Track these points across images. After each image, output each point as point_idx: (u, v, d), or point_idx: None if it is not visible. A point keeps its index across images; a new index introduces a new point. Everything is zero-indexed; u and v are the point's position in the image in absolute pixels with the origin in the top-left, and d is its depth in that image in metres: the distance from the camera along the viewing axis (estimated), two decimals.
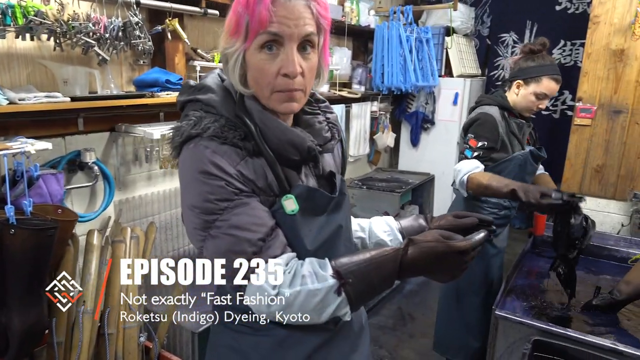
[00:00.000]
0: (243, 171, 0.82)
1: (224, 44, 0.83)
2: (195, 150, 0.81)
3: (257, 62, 0.80)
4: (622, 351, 1.38)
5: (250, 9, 0.77)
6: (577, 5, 3.81)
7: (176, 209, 2.26)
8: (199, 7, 2.00)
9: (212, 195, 0.79)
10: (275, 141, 0.85)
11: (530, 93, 1.87)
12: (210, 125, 0.82)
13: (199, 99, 0.86)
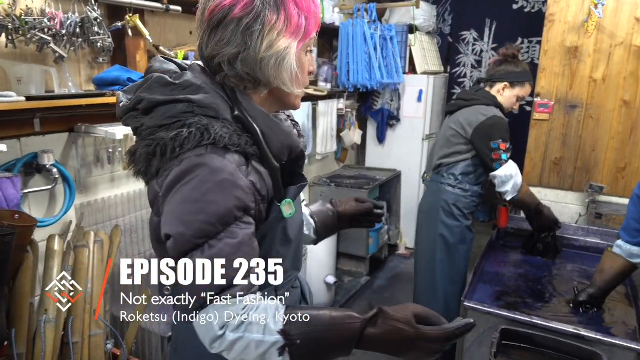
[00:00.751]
0: (253, 180, 0.79)
1: (281, 43, 0.79)
2: (206, 161, 0.74)
3: (304, 61, 0.84)
4: (583, 336, 1.45)
5: (312, 11, 0.81)
6: (533, 4, 3.95)
7: (142, 211, 2.19)
8: (160, 3, 1.94)
9: (213, 218, 0.73)
10: (278, 145, 0.83)
11: (514, 95, 2.06)
12: (221, 132, 0.76)
13: (191, 100, 0.78)
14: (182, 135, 0.75)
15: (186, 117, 0.77)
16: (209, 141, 0.75)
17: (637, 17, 2.60)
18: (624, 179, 2.76)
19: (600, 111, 2.76)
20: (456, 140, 2.09)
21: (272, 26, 0.78)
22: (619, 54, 2.67)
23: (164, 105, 0.78)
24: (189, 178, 0.74)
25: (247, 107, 0.81)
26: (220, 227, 0.74)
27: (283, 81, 0.82)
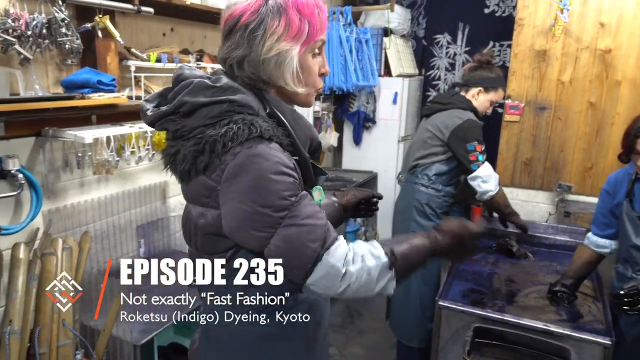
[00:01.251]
0: (293, 164, 0.89)
1: (281, 47, 0.87)
2: (260, 151, 0.83)
3: (311, 64, 0.91)
4: (552, 331, 1.48)
5: (315, 17, 0.88)
6: (503, 9, 4.04)
7: (112, 217, 2.15)
8: (131, 4, 1.91)
9: (286, 192, 0.83)
10: (302, 137, 0.94)
11: (488, 100, 2.14)
12: (265, 126, 0.86)
13: (232, 101, 0.87)
14: (230, 130, 0.83)
15: (230, 115, 0.85)
16: (257, 134, 0.84)
17: (601, 22, 2.69)
18: (590, 178, 2.85)
19: (568, 113, 2.84)
20: (432, 142, 2.14)
21: (272, 31, 0.87)
22: (584, 58, 2.76)
23: (206, 106, 0.87)
24: (248, 169, 0.83)
25: (275, 104, 0.92)
26: (293, 198, 0.84)
27: (285, 81, 0.90)
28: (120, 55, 2.04)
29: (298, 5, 0.87)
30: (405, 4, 4.32)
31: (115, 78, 1.88)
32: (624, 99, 2.71)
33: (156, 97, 0.97)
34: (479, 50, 4.15)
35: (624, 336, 1.63)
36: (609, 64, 2.70)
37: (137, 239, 2.29)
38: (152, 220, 2.36)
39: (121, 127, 1.96)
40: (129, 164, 2.13)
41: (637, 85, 2.67)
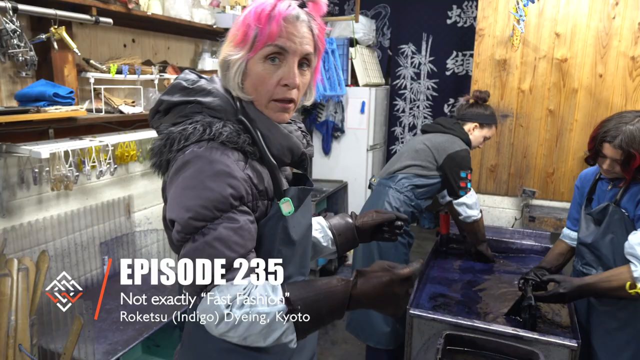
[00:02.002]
0: (250, 175, 0.85)
1: (227, 51, 0.88)
2: (206, 153, 0.82)
3: (260, 71, 0.87)
4: (522, 336, 1.50)
5: (263, 22, 0.85)
6: (465, 20, 4.16)
7: (74, 234, 2.06)
8: (89, 14, 1.85)
9: (213, 202, 0.80)
10: (277, 147, 0.91)
11: (482, 135, 2.25)
12: (221, 130, 0.85)
13: (200, 102, 0.88)
14: (187, 129, 0.84)
15: (194, 116, 0.87)
16: (209, 136, 0.83)
17: (556, 32, 2.80)
18: (553, 183, 2.94)
19: (529, 120, 2.93)
20: (424, 156, 2.20)
21: (228, 37, 0.89)
22: (542, 67, 2.86)
23: (178, 105, 0.89)
24: (189, 167, 0.82)
25: (249, 112, 0.90)
26: (217, 212, 0.80)
27: (232, 87, 0.89)
28: (78, 67, 1.97)
29: (250, 12, 0.86)
30: (370, 15, 4.39)
31: (73, 90, 1.82)
32: (581, 106, 2.82)
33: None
34: (443, 59, 4.29)
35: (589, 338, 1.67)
36: (566, 72, 2.81)
37: (100, 256, 2.20)
38: (117, 236, 2.28)
39: (80, 141, 1.89)
40: (89, 179, 2.06)
41: (593, 93, 2.78)
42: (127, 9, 1.99)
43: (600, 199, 1.69)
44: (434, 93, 4.40)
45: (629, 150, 1.50)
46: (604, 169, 1.61)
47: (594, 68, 2.75)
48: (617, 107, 2.72)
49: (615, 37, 2.68)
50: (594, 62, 2.75)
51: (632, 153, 1.50)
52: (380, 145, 4.36)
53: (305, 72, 0.91)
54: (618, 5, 2.65)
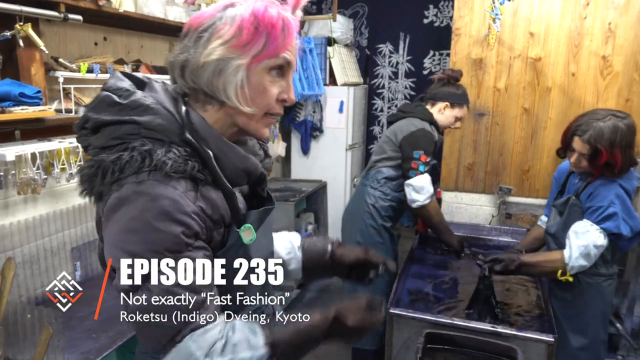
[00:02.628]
0: (202, 206, 0.76)
1: (224, 52, 0.76)
2: (147, 188, 0.71)
3: (263, 82, 0.79)
4: (500, 332, 1.51)
5: (277, 31, 0.76)
6: (441, 19, 4.19)
7: (43, 240, 1.98)
8: (57, 11, 1.78)
9: (162, 246, 0.70)
10: (231, 169, 0.81)
11: (454, 115, 2.17)
12: (164, 158, 0.72)
13: (137, 122, 0.74)
14: (123, 158, 0.72)
15: (131, 140, 0.73)
16: (150, 167, 0.71)
17: (530, 32, 2.84)
18: (528, 180, 2.99)
19: (505, 118, 2.97)
20: (387, 146, 2.18)
21: (220, 35, 0.76)
22: (517, 65, 2.90)
23: (110, 125, 0.75)
24: (129, 206, 0.70)
25: (199, 129, 0.78)
26: (170, 255, 0.71)
27: (227, 95, 0.78)
28: (46, 66, 1.90)
29: (258, 16, 0.76)
30: (348, 14, 4.38)
31: (40, 90, 1.75)
32: (555, 104, 2.87)
33: None
34: (420, 59, 4.31)
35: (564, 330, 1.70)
36: (540, 71, 2.86)
37: (72, 262, 2.13)
38: (89, 240, 2.21)
39: (49, 143, 1.82)
40: (59, 182, 1.99)
41: (566, 91, 2.83)
42: (98, 5, 1.93)
43: (569, 192, 1.75)
44: (411, 92, 4.42)
45: (596, 145, 1.55)
46: (572, 162, 1.66)
47: (567, 67, 2.80)
48: (589, 105, 2.77)
49: (586, 37, 2.74)
50: (566, 61, 2.80)
51: (599, 149, 1.55)
52: (359, 145, 4.36)
53: None
54: (589, 6, 2.71)
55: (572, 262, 1.60)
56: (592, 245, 1.57)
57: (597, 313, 1.71)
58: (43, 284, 1.97)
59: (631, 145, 1.57)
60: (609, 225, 1.57)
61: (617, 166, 1.56)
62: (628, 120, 1.57)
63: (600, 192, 1.59)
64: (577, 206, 1.67)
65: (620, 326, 2.55)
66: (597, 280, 1.69)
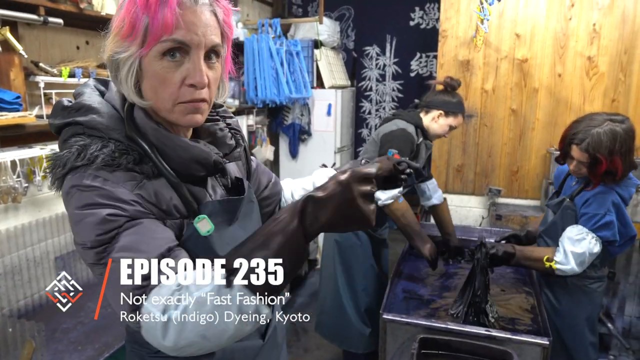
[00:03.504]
0: (143, 194, 0.75)
1: (113, 47, 0.74)
2: (79, 181, 0.73)
3: (159, 70, 0.73)
4: (495, 336, 1.50)
5: (152, 10, 0.70)
6: (427, 21, 4.20)
7: (25, 249, 1.92)
8: (36, 14, 1.73)
9: (100, 226, 0.70)
10: (177, 160, 0.79)
11: (448, 124, 2.13)
12: (97, 153, 0.74)
13: (78, 122, 0.76)
14: (64, 155, 0.75)
15: (74, 139, 0.76)
16: (83, 161, 0.74)
17: (517, 33, 2.85)
18: (517, 181, 3.00)
19: (493, 119, 2.98)
20: (371, 147, 2.16)
21: (113, 29, 0.74)
22: (504, 67, 2.91)
23: (62, 128, 0.79)
24: (70, 199, 0.74)
25: (139, 124, 0.78)
26: (112, 231, 0.71)
27: (126, 92, 0.76)
28: (26, 71, 1.84)
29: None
30: (334, 17, 4.37)
31: (20, 96, 1.70)
32: (542, 105, 2.88)
33: None
34: (407, 61, 4.32)
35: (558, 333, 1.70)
36: (527, 72, 2.87)
37: (56, 272, 2.07)
38: (73, 249, 2.15)
39: (30, 150, 1.76)
40: (40, 190, 1.93)
41: (552, 92, 2.85)
42: (79, 8, 1.88)
43: (565, 193, 1.74)
44: (399, 94, 4.42)
45: (595, 155, 1.51)
46: (571, 169, 1.64)
47: (553, 68, 2.82)
48: (576, 105, 2.79)
49: (572, 38, 2.76)
50: (553, 62, 2.82)
51: (599, 158, 1.51)
52: (348, 147, 4.34)
53: (214, 65, 0.77)
54: (574, 7, 2.73)
55: (564, 267, 1.60)
56: (587, 253, 1.57)
57: (584, 315, 1.71)
58: (26, 296, 1.91)
59: (631, 150, 1.53)
60: (605, 234, 1.56)
61: (618, 173, 1.53)
62: (626, 125, 1.52)
63: (597, 200, 1.57)
64: (571, 209, 1.65)
65: (611, 326, 2.56)
66: (585, 282, 1.69)
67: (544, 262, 1.63)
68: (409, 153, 2.04)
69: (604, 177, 1.56)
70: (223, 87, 0.85)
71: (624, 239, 1.60)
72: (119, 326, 1.74)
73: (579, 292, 1.69)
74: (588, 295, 1.70)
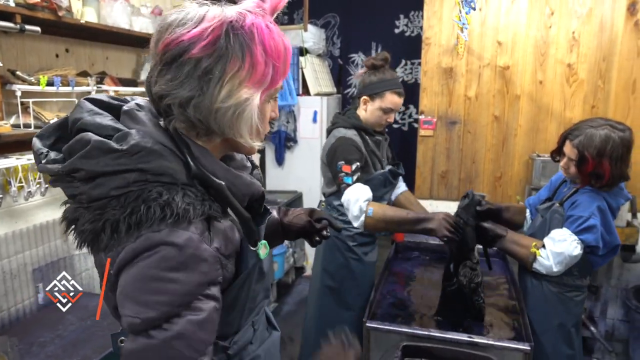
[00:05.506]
0: (217, 246, 0.72)
1: (242, 94, 0.70)
2: (167, 237, 0.66)
3: (266, 111, 0.78)
4: (477, 342, 1.50)
5: (281, 59, 0.74)
6: (412, 29, 4.24)
7: (1, 261, 1.88)
8: (12, 22, 1.70)
9: (177, 298, 0.66)
10: (240, 196, 0.79)
11: (377, 108, 1.89)
12: (184, 205, 0.68)
13: (144, 170, 0.68)
14: (139, 212, 0.66)
15: (139, 188, 0.68)
16: (173, 218, 0.67)
17: (498, 41, 2.89)
18: (501, 187, 3.02)
19: (476, 126, 3.00)
20: (324, 169, 2.00)
21: (234, 74, 0.70)
22: (487, 74, 2.94)
23: (109, 175, 0.67)
24: (148, 254, 0.66)
25: (205, 163, 0.73)
26: (183, 306, 0.67)
27: (241, 133, 0.73)
28: (2, 79, 1.81)
29: (265, 43, 0.71)
30: (320, 24, 4.39)
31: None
32: (524, 111, 2.91)
33: (52, 132, 0.75)
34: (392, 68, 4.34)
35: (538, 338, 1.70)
36: (509, 79, 2.91)
37: (33, 284, 2.03)
38: (52, 260, 2.11)
39: (6, 160, 1.73)
40: (16, 201, 1.89)
41: (534, 99, 2.89)
42: (57, 16, 1.85)
43: (557, 199, 1.74)
44: None
45: (583, 152, 1.54)
46: (561, 166, 1.66)
47: (534, 75, 2.86)
48: (557, 112, 2.83)
49: (552, 46, 2.80)
50: (534, 69, 2.86)
51: (586, 156, 1.53)
52: None
53: None
54: (553, 15, 2.78)
55: (544, 262, 1.60)
56: (567, 254, 1.56)
57: (555, 322, 1.69)
58: (2, 309, 1.86)
59: (622, 158, 1.53)
60: (587, 237, 1.55)
61: (605, 177, 1.53)
62: (624, 134, 1.53)
63: (582, 202, 1.58)
64: (559, 213, 1.66)
65: (594, 329, 2.58)
66: (561, 289, 1.67)
67: (532, 247, 1.62)
68: (359, 158, 1.86)
69: (592, 179, 1.57)
70: None
71: (608, 248, 1.58)
72: (98, 339, 1.71)
73: (554, 297, 1.68)
74: (563, 303, 1.68)
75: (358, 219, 1.78)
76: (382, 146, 2.07)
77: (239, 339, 0.87)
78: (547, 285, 1.67)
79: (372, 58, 1.94)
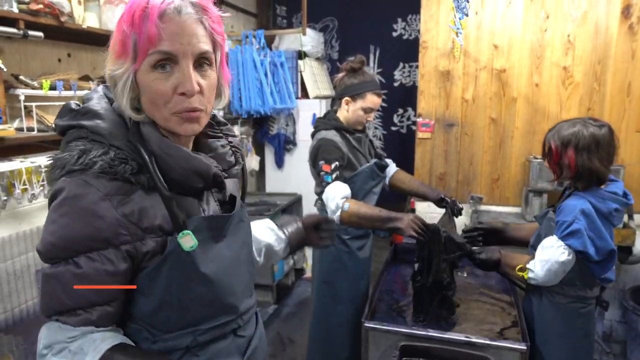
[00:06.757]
0: (126, 212, 0.76)
1: (110, 66, 0.78)
2: (71, 186, 0.75)
3: (151, 82, 0.76)
4: (474, 342, 1.52)
5: (137, 26, 0.73)
6: (410, 32, 4.27)
7: (5, 263, 1.90)
8: (16, 28, 1.73)
9: (63, 242, 0.74)
10: (178, 170, 0.80)
11: (358, 108, 1.98)
12: (97, 159, 0.75)
13: (83, 125, 0.79)
14: (64, 157, 0.77)
15: (78, 142, 0.78)
16: (81, 166, 0.75)
17: (494, 44, 2.92)
18: (498, 188, 3.05)
19: (473, 128, 3.03)
20: (312, 170, 2.05)
21: (110, 48, 0.78)
22: (483, 77, 2.97)
23: (67, 130, 0.81)
24: (56, 199, 0.75)
25: (145, 132, 0.79)
26: (66, 252, 0.74)
27: (123, 107, 0.79)
28: (6, 84, 1.84)
29: (126, 12, 0.75)
30: (318, 28, 4.42)
31: (0, 109, 1.69)
32: (520, 114, 2.94)
33: None
34: (391, 71, 4.38)
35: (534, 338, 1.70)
36: (505, 82, 2.94)
37: (37, 285, 2.05)
38: None
39: (10, 163, 1.76)
40: (20, 203, 1.91)
41: (530, 101, 2.92)
42: (59, 21, 1.88)
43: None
44: (383, 104, 4.47)
45: (550, 143, 1.54)
46: (545, 165, 1.67)
47: (531, 78, 2.89)
48: (553, 114, 2.86)
49: (548, 49, 2.84)
50: (530, 72, 2.89)
51: (551, 146, 1.53)
52: None
53: (207, 72, 0.79)
54: (549, 19, 2.81)
55: (534, 275, 1.55)
56: (553, 260, 1.49)
57: (556, 334, 1.61)
58: (6, 309, 1.88)
59: (589, 150, 1.48)
60: (573, 242, 1.47)
61: (571, 169, 1.50)
62: (598, 130, 1.48)
63: (566, 207, 1.53)
64: (552, 220, 1.59)
65: None
66: (560, 299, 1.58)
67: (516, 271, 1.59)
68: (338, 157, 1.92)
69: (561, 171, 1.55)
70: (223, 94, 0.88)
71: (602, 254, 1.49)
72: None
73: (554, 308, 1.60)
74: (566, 315, 1.59)
75: (334, 214, 1.84)
76: (363, 142, 2.14)
77: (170, 338, 0.83)
78: (548, 295, 1.61)
79: (351, 61, 2.02)
